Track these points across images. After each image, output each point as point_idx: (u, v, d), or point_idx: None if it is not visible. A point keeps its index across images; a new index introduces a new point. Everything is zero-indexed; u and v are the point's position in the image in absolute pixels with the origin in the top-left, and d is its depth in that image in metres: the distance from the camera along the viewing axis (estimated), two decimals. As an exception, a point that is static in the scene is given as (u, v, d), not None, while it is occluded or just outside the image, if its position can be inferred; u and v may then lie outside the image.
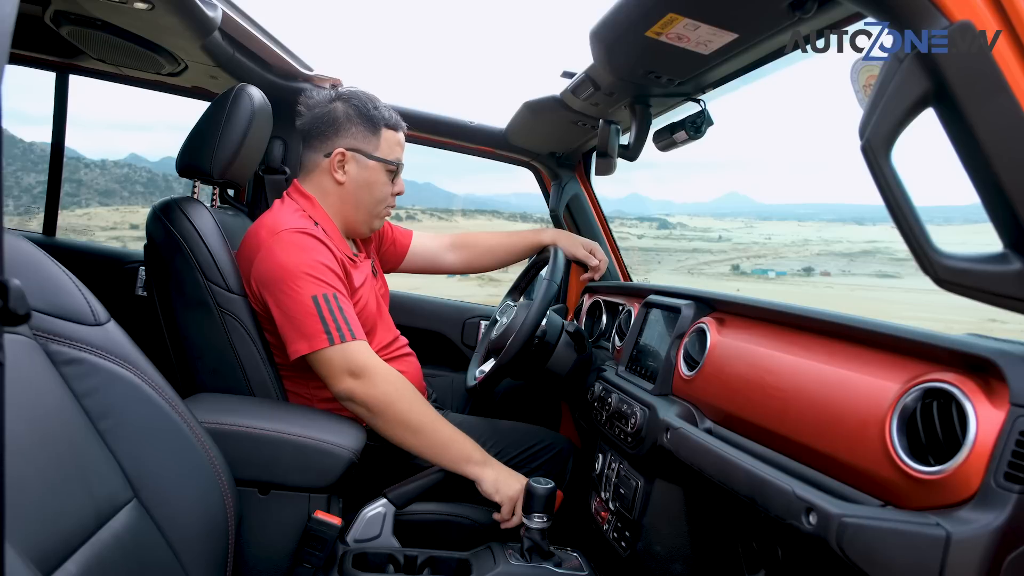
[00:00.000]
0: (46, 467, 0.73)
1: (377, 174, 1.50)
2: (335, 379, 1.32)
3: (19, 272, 0.82)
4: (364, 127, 1.48)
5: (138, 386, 0.90)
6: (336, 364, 1.32)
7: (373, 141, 1.49)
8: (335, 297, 1.34)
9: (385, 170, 1.50)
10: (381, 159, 1.49)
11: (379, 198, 1.52)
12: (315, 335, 1.31)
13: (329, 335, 1.31)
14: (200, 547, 0.93)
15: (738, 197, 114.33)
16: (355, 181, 1.49)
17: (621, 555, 1.26)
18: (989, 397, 0.64)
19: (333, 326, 1.31)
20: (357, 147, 1.48)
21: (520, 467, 1.50)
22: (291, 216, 1.42)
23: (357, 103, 1.49)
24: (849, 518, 0.67)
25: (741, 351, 1.04)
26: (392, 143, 1.51)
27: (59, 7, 1.49)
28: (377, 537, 1.30)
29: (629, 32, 1.11)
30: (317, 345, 1.31)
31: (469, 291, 2.81)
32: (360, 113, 1.48)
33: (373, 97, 1.52)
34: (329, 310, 1.32)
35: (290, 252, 1.34)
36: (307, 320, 1.31)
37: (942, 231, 7.35)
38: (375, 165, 1.49)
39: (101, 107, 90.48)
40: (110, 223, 16.79)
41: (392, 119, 1.51)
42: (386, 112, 1.51)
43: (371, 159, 1.49)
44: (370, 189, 1.50)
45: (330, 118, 1.48)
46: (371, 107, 1.49)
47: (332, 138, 1.48)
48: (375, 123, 1.48)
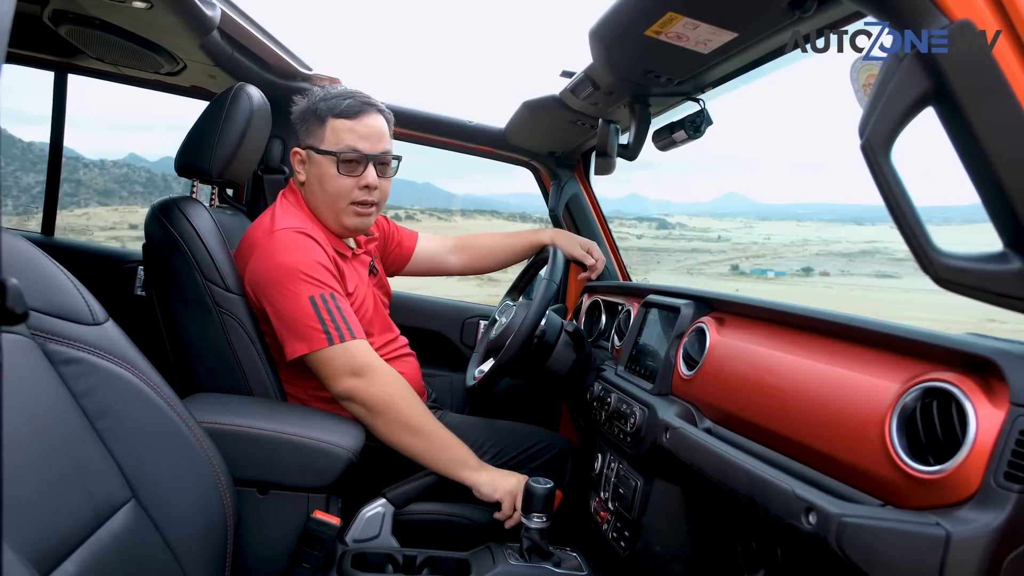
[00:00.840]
0: (44, 467, 0.73)
1: (326, 167, 1.43)
2: (336, 379, 1.32)
3: (17, 271, 0.82)
4: (311, 122, 1.45)
5: (136, 386, 0.90)
6: (337, 363, 1.31)
7: (319, 134, 1.44)
8: (332, 296, 1.33)
9: (334, 162, 1.42)
10: (325, 151, 1.43)
11: (335, 192, 1.44)
12: (314, 336, 1.31)
13: (328, 335, 1.30)
14: (199, 547, 0.93)
15: (737, 197, 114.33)
16: (311, 178, 1.47)
17: (620, 555, 1.26)
18: (989, 397, 0.64)
19: (332, 326, 1.31)
20: (308, 143, 1.46)
21: (519, 467, 1.50)
22: (286, 216, 1.42)
23: (310, 100, 1.46)
24: (849, 518, 0.66)
25: (740, 351, 1.04)
26: (341, 131, 1.42)
27: (58, 6, 1.49)
28: (376, 537, 1.30)
29: (629, 31, 1.11)
30: (316, 345, 1.31)
31: (468, 291, 2.81)
32: (309, 109, 1.46)
33: (336, 90, 1.45)
34: (327, 310, 1.31)
35: (285, 252, 1.34)
36: (305, 321, 1.31)
37: (941, 231, 7.37)
38: (321, 159, 1.44)
39: (100, 107, 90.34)
40: (109, 223, 16.77)
41: (343, 107, 1.42)
42: (337, 102, 1.43)
43: (318, 153, 1.44)
44: (322, 185, 1.45)
45: (297, 118, 1.49)
46: (319, 99, 1.44)
47: (299, 138, 1.49)
48: (319, 115, 1.43)
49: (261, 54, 1.80)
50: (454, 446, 1.36)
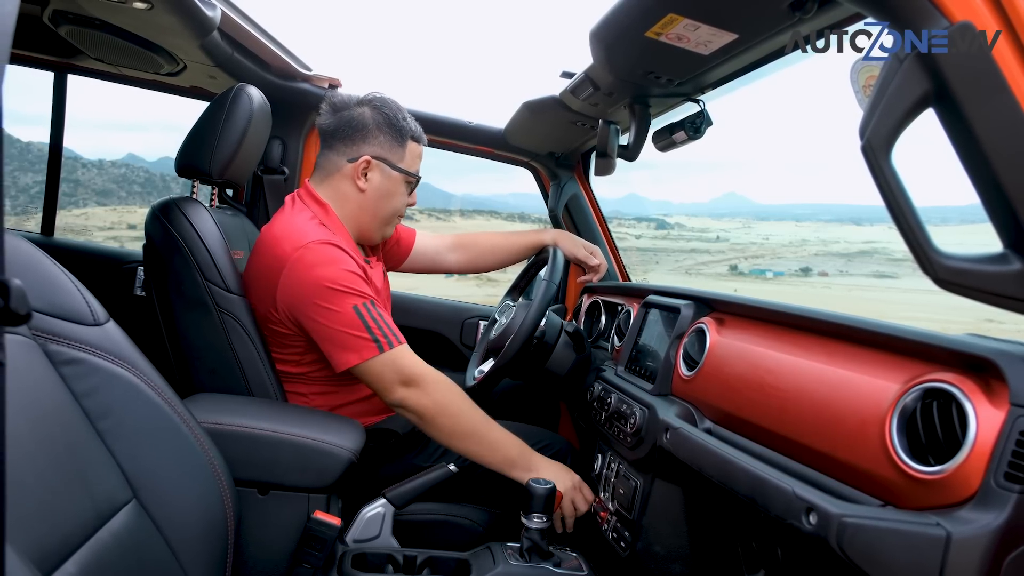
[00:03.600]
0: (45, 467, 0.73)
1: (398, 185, 1.48)
2: (388, 390, 1.33)
3: (18, 272, 0.82)
4: (392, 137, 1.46)
5: (137, 386, 0.90)
6: (387, 374, 1.33)
7: (399, 152, 1.47)
8: (372, 304, 1.34)
9: (405, 181, 1.49)
10: (404, 171, 1.48)
11: (395, 209, 1.51)
12: (364, 346, 1.31)
13: (378, 343, 1.31)
14: (199, 547, 0.93)
15: (736, 197, 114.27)
16: (377, 190, 1.47)
17: (620, 555, 1.26)
18: (989, 397, 0.64)
19: (380, 334, 1.32)
20: (383, 156, 1.46)
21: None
22: (309, 226, 1.39)
23: (388, 111, 1.46)
24: (849, 518, 0.67)
25: (740, 351, 1.04)
26: (415, 155, 1.50)
27: (58, 7, 1.49)
28: (376, 537, 1.30)
29: (629, 32, 1.11)
30: (367, 355, 1.31)
31: (467, 291, 2.80)
32: (389, 122, 1.46)
33: (401, 107, 1.50)
34: (372, 319, 1.32)
35: (321, 267, 1.32)
36: (353, 332, 1.31)
37: (939, 231, 7.40)
38: (397, 176, 1.47)
39: (99, 107, 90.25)
40: (107, 223, 16.74)
41: (418, 132, 1.50)
42: (413, 124, 1.49)
43: (395, 170, 1.47)
44: (389, 199, 1.49)
45: (358, 123, 1.45)
46: (400, 118, 1.47)
47: (359, 144, 1.45)
48: (403, 134, 1.47)
49: (261, 54, 1.80)
50: (505, 447, 1.36)
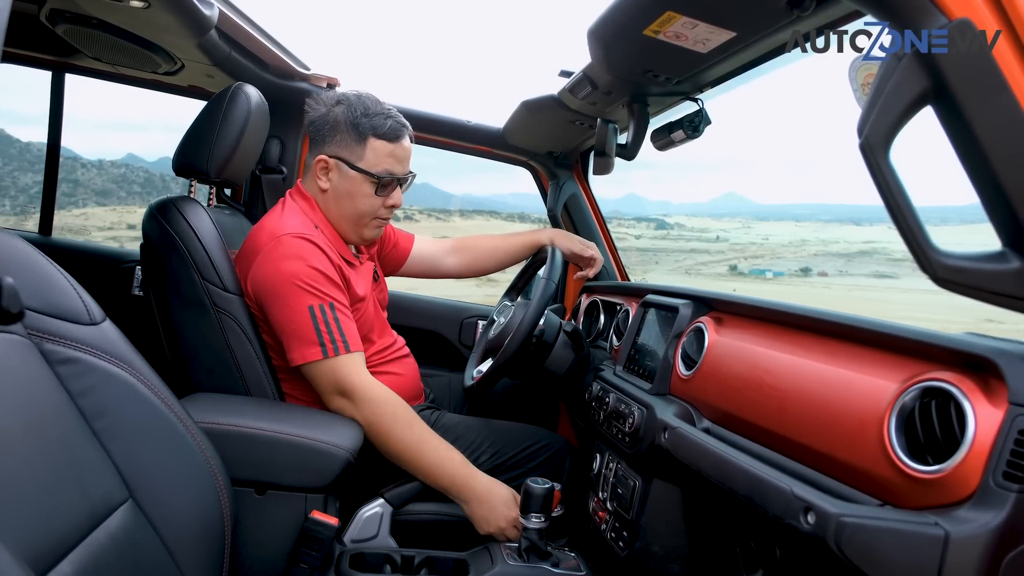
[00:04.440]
0: (41, 467, 0.73)
1: (359, 185, 1.43)
2: (325, 396, 1.34)
3: (14, 271, 0.82)
4: (350, 135, 1.41)
5: (134, 386, 0.90)
6: (326, 380, 1.33)
7: (357, 151, 1.42)
8: (331, 307, 1.33)
9: (371, 183, 1.43)
10: (362, 170, 1.42)
11: (363, 210, 1.45)
12: (308, 347, 1.31)
13: (323, 347, 1.31)
14: (196, 547, 0.93)
15: (736, 197, 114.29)
16: (336, 190, 1.45)
17: (619, 555, 1.26)
18: (988, 396, 0.64)
19: (328, 338, 1.31)
20: (340, 155, 1.42)
21: (517, 467, 1.50)
22: (293, 219, 1.40)
23: (348, 108, 1.42)
24: (847, 518, 0.66)
25: (739, 350, 1.04)
26: (382, 154, 1.42)
27: (55, 5, 1.48)
28: (374, 537, 1.30)
29: (627, 30, 1.10)
30: (310, 356, 1.31)
31: (466, 291, 2.80)
32: (346, 121, 1.41)
33: (373, 103, 1.43)
34: (324, 321, 1.31)
35: (287, 260, 1.33)
36: (302, 331, 1.31)
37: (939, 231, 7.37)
38: (356, 176, 1.42)
39: (97, 107, 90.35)
40: (107, 223, 16.71)
41: (387, 128, 1.41)
42: (380, 120, 1.41)
43: (353, 169, 1.42)
44: (352, 200, 1.44)
45: (323, 121, 1.43)
46: (360, 114, 1.41)
47: (321, 143, 1.44)
48: (361, 132, 1.41)
49: (259, 54, 1.80)
50: (436, 475, 1.33)
